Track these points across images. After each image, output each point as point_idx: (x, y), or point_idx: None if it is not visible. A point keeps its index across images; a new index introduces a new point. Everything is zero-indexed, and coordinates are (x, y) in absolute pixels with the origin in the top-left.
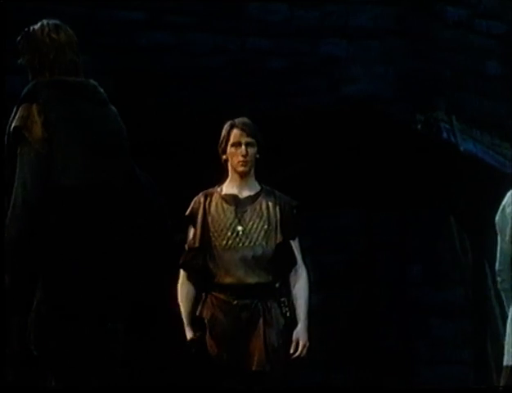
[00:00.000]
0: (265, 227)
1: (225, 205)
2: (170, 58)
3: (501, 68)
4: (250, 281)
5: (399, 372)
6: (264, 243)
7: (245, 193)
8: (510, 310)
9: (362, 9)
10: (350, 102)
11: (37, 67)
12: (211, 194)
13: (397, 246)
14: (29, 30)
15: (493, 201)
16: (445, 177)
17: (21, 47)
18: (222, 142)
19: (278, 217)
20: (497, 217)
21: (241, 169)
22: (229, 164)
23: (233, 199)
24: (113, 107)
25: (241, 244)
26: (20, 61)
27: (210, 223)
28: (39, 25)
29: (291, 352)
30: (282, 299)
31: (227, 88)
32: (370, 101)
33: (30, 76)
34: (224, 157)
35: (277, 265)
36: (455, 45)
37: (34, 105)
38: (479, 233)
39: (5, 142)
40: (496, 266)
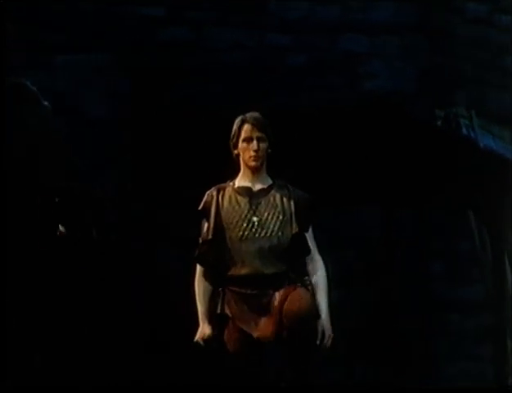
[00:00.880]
0: (280, 217)
1: (239, 197)
2: (189, 54)
3: None
4: (267, 271)
5: (419, 367)
6: (280, 233)
7: (258, 186)
8: None
9: (382, 4)
10: (370, 98)
11: None
12: (223, 188)
13: (417, 243)
14: None
15: None
16: (464, 172)
17: None
18: (234, 137)
19: (292, 208)
20: None
21: (253, 164)
22: (240, 159)
23: (246, 191)
24: None
25: (257, 235)
26: None
27: (224, 215)
28: None
29: (317, 343)
30: (305, 278)
31: (246, 84)
32: (389, 96)
33: None
34: (236, 152)
35: (292, 255)
36: (475, 40)
37: None
38: (499, 229)
39: None
40: None
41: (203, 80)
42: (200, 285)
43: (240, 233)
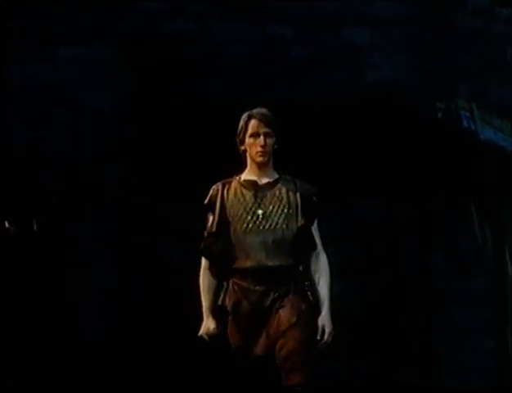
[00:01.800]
0: (285, 210)
1: (244, 190)
2: (192, 47)
3: None
4: (271, 264)
5: (421, 360)
6: (285, 226)
7: (264, 180)
8: None
9: None
10: (371, 90)
11: None
12: (229, 182)
13: (419, 236)
14: None
15: None
16: (465, 165)
17: None
18: (240, 133)
19: (298, 202)
20: None
21: (260, 160)
22: (247, 154)
23: (252, 184)
24: None
25: (262, 227)
26: None
27: (229, 208)
28: None
29: (317, 339)
30: (306, 282)
31: (249, 77)
32: (391, 89)
33: None
34: (242, 148)
35: (297, 248)
36: (476, 33)
37: None
38: (500, 221)
39: None
40: None
41: (205, 74)
42: (205, 278)
43: (245, 226)
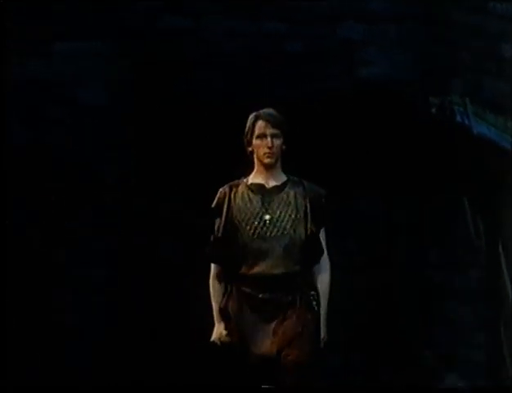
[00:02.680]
0: (293, 216)
1: (251, 194)
2: (187, 42)
3: None
4: (277, 272)
5: (416, 354)
6: (292, 232)
7: (272, 183)
8: None
9: None
10: (366, 86)
11: None
12: (236, 185)
13: (413, 231)
14: None
15: (507, 184)
16: (458, 160)
17: None
18: (248, 134)
19: (307, 206)
20: None
21: (267, 161)
22: (255, 156)
23: (259, 188)
24: None
25: (269, 233)
26: None
27: (236, 212)
28: None
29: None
30: (312, 292)
31: (243, 72)
32: (386, 84)
33: None
34: (250, 149)
35: (305, 255)
36: (470, 28)
37: None
38: (493, 216)
39: None
40: None
41: (202, 70)
42: (215, 284)
43: (252, 231)
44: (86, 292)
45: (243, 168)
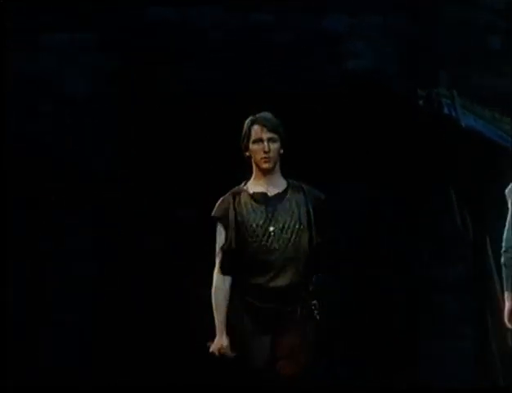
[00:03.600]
0: (296, 226)
1: (254, 204)
2: (174, 34)
3: (504, 43)
4: (280, 283)
5: (403, 346)
6: (296, 243)
7: (273, 190)
8: None
9: None
10: (352, 78)
11: None
12: (238, 193)
13: (399, 223)
14: None
15: (494, 177)
16: (446, 152)
17: None
18: (244, 139)
19: (310, 215)
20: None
21: (265, 166)
22: (252, 161)
23: (262, 197)
24: None
25: (274, 246)
26: None
27: (242, 224)
28: None
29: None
30: (313, 302)
31: (229, 64)
32: (372, 76)
33: None
34: (247, 154)
35: (308, 265)
36: (457, 20)
37: None
38: (480, 209)
39: None
40: (504, 242)
41: (188, 60)
42: (219, 295)
43: (257, 244)
44: (76, 288)
45: (232, 160)
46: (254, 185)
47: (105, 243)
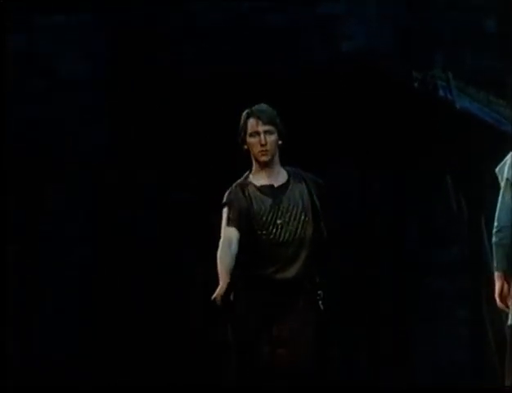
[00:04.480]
0: (302, 218)
1: (263, 197)
2: (168, 16)
3: (499, 26)
4: (288, 275)
5: (396, 329)
6: (302, 235)
7: (277, 182)
8: None
9: None
10: (348, 60)
11: None
12: (246, 185)
13: (394, 205)
14: None
15: (489, 159)
16: (441, 134)
17: None
18: (241, 132)
19: (314, 205)
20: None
21: (262, 159)
22: (251, 154)
23: (269, 190)
24: None
25: (282, 238)
26: None
27: (251, 216)
28: None
29: None
30: (319, 292)
31: (224, 45)
32: (367, 58)
33: None
34: (245, 147)
35: (314, 257)
36: (453, 2)
37: None
38: (475, 191)
39: None
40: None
41: (181, 42)
42: (225, 244)
43: (265, 237)
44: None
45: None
46: (257, 178)
47: (102, 228)
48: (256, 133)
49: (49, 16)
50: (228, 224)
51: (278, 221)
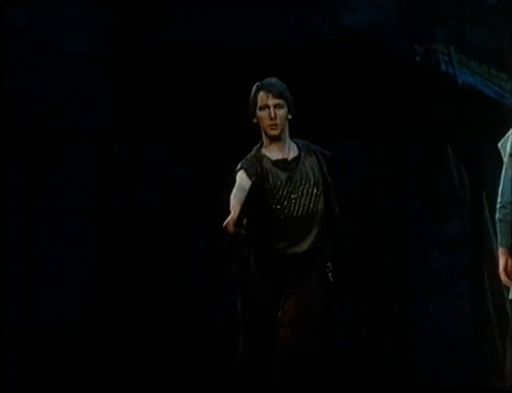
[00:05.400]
0: (314, 191)
1: (278, 171)
2: None
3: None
4: (299, 250)
5: (398, 304)
6: (315, 209)
7: (290, 156)
8: None
9: None
10: (349, 34)
11: None
12: (261, 158)
13: (395, 179)
14: None
15: (490, 133)
16: (443, 108)
17: None
18: (251, 106)
19: (325, 178)
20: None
21: (272, 133)
22: (261, 127)
23: (284, 164)
24: None
25: (295, 213)
26: None
27: (268, 189)
28: None
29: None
30: (328, 264)
31: (226, 19)
32: (369, 32)
33: None
34: (255, 121)
35: (325, 230)
36: None
37: None
38: (477, 165)
39: None
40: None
41: (183, 14)
42: (241, 188)
43: (279, 210)
44: (70, 241)
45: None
46: (271, 151)
47: (101, 201)
48: (266, 107)
49: None
50: (246, 177)
51: (292, 196)
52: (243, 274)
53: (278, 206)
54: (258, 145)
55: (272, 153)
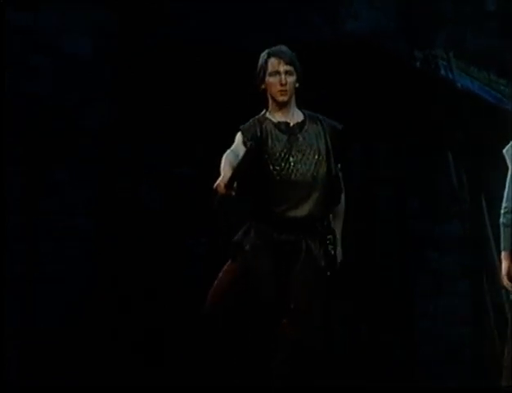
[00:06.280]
0: (315, 157)
1: (279, 133)
2: None
3: (500, 5)
4: (299, 214)
5: (398, 304)
6: (315, 174)
7: (293, 121)
8: None
9: None
10: (350, 38)
11: None
12: (263, 120)
13: (395, 180)
14: None
15: (489, 137)
16: (442, 113)
17: None
18: (260, 72)
19: (328, 146)
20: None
21: (281, 99)
22: (268, 94)
23: (285, 127)
24: None
25: (293, 176)
26: None
27: (266, 150)
28: None
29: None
30: (329, 236)
31: (226, 19)
32: (369, 37)
33: None
34: (263, 87)
35: (325, 198)
36: None
37: None
38: (476, 168)
39: None
40: (505, 203)
41: (186, 14)
42: (232, 153)
43: (277, 173)
44: (70, 241)
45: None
46: (274, 115)
47: (102, 201)
48: (277, 73)
49: None
50: (241, 141)
51: (291, 159)
52: (242, 238)
53: (276, 167)
54: (264, 110)
55: (276, 117)
